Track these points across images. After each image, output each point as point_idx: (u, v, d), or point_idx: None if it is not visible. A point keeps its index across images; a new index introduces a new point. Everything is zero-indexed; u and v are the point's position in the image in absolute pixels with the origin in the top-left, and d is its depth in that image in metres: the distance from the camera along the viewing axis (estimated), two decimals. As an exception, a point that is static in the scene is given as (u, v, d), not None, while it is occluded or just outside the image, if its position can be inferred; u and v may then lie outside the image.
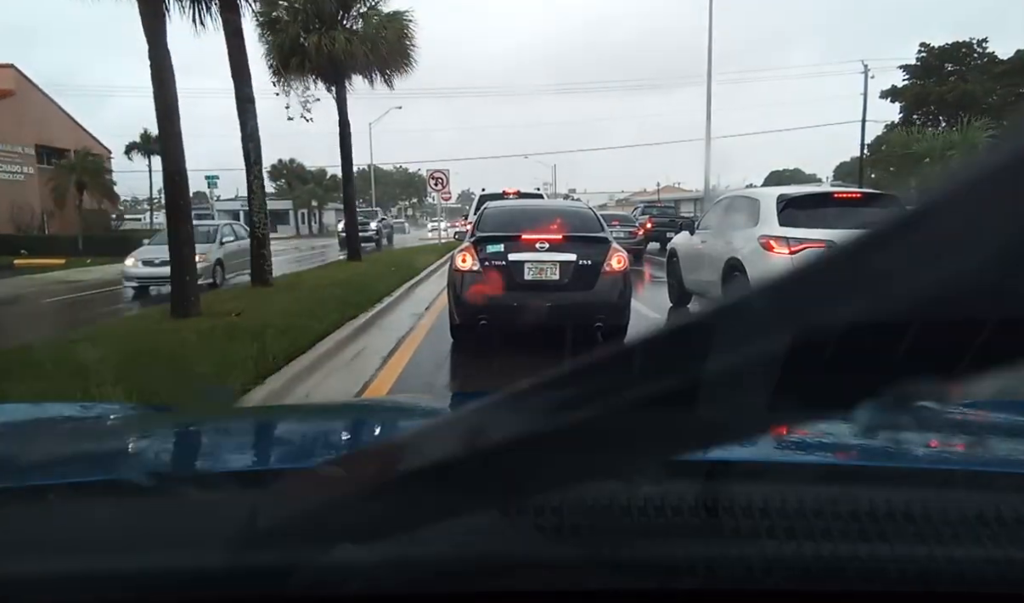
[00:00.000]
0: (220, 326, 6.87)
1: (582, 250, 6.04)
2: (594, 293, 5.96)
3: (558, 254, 5.98)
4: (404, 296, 10.67)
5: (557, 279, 5.96)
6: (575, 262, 5.97)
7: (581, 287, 5.96)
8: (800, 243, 6.29)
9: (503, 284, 5.90)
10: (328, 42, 14.62)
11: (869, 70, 40.03)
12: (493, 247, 6.06)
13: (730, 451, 0.82)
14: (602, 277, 6.01)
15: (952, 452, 1.12)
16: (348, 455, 0.97)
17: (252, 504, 0.68)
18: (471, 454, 0.52)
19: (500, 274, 5.92)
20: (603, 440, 0.49)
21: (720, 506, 0.69)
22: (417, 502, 0.58)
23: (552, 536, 0.67)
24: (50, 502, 0.76)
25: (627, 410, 0.44)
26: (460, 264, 6.09)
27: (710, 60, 21.96)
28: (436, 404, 1.84)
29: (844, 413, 0.44)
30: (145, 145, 39.25)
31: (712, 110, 21.42)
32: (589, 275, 5.99)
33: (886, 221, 0.39)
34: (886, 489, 0.72)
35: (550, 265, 5.98)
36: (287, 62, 14.76)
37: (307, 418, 1.54)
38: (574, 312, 5.80)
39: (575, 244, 6.07)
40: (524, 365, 4.01)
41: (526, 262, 5.96)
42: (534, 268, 5.98)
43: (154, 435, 1.27)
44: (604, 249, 6.14)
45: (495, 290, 5.88)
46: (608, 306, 5.98)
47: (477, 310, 5.96)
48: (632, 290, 6.34)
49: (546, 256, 5.97)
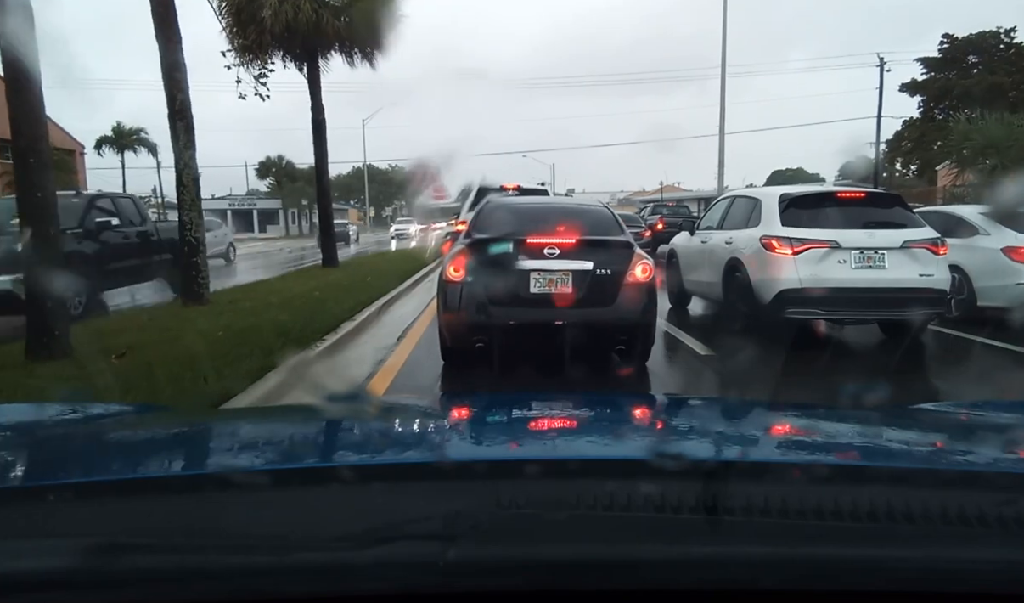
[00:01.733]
0: (82, 375, 4.62)
1: (600, 257, 5.07)
2: (615, 309, 5.03)
3: (571, 262, 4.99)
4: (375, 318, 8.35)
5: (570, 292, 5.00)
6: (592, 271, 5.00)
7: (599, 302, 5.03)
8: (803, 243, 6.22)
9: (504, 298, 4.96)
10: (290, 10, 12.19)
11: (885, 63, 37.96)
12: (493, 252, 5.07)
13: (730, 451, 0.99)
14: (625, 289, 5.04)
15: (952, 452, 1.15)
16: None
17: (252, 504, 0.72)
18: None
19: (500, 285, 4.97)
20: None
21: (720, 506, 0.70)
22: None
23: (552, 536, 0.68)
24: (50, 502, 0.77)
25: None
26: (452, 273, 5.06)
27: (724, 56, 20.52)
28: (433, 405, 1.87)
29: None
30: (117, 140, 36.80)
31: (722, 107, 19.91)
32: (609, 287, 5.04)
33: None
34: (886, 489, 0.75)
35: (561, 275, 4.99)
36: (244, 32, 12.36)
37: (304, 418, 1.54)
38: (590, 332, 5.01)
39: (592, 250, 5.09)
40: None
41: (533, 271, 4.98)
42: (542, 279, 4.99)
43: (152, 435, 1.30)
44: (626, 256, 5.16)
45: (495, 305, 4.94)
46: (631, 325, 5.10)
47: (472, 330, 5.01)
48: (658, 305, 5.37)
49: (557, 264, 4.98)
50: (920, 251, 6.23)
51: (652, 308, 5.24)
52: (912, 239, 6.26)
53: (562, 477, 0.82)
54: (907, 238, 6.24)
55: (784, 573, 0.67)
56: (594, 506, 0.70)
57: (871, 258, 6.15)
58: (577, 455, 1.00)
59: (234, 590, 0.65)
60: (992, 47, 37.68)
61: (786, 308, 6.21)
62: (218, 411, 3.38)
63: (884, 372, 5.44)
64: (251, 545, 0.67)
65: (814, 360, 5.84)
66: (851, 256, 6.14)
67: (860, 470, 0.88)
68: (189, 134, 8.59)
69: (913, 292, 6.10)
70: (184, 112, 8.54)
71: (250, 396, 4.32)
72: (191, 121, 8.62)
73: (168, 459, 1.14)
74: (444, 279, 5.16)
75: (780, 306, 6.23)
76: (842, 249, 6.14)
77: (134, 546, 0.66)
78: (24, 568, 0.64)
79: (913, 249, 6.21)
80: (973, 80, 36.11)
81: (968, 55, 38.26)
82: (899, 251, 6.17)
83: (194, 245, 8.60)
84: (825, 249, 6.15)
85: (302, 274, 14.39)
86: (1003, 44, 37.55)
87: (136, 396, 3.99)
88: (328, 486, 0.82)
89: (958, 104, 36.91)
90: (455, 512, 0.69)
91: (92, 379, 4.72)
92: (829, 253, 6.14)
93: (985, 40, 37.65)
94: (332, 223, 16.21)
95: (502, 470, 0.88)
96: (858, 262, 6.14)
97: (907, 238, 6.24)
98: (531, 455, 1.02)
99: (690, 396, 4.20)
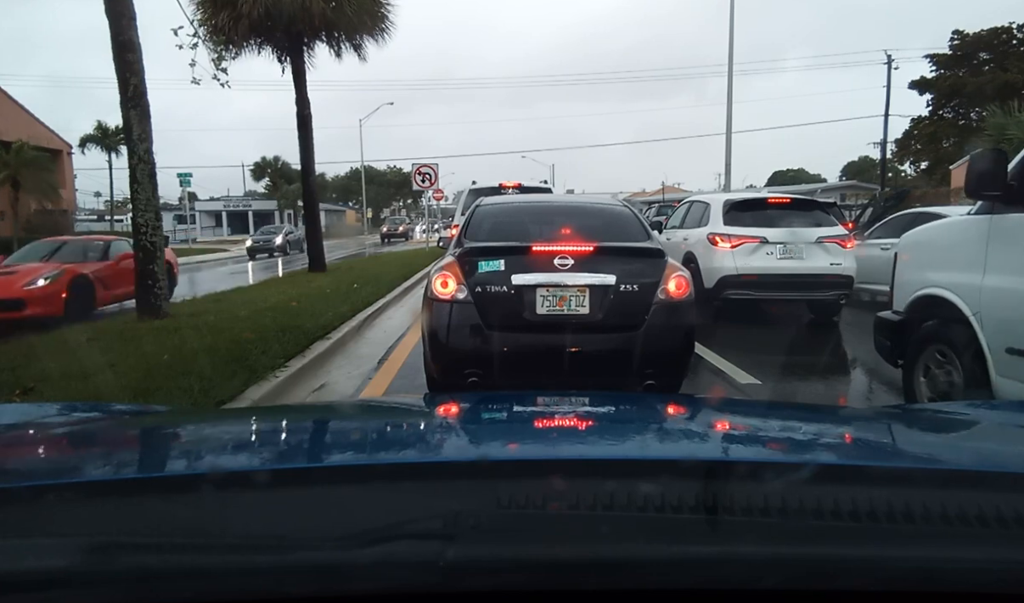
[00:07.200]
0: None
1: (624, 268, 4.05)
2: (643, 335, 3.98)
3: (588, 275, 3.99)
4: (354, 336, 7.29)
5: (587, 313, 4.00)
6: (614, 287, 3.99)
7: (624, 325, 4.01)
8: (740, 238, 7.73)
9: (504, 321, 3.97)
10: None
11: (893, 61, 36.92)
12: (489, 264, 4.03)
13: (730, 451, 0.96)
14: (656, 309, 4.02)
15: (952, 452, 1.15)
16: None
17: (252, 504, 0.73)
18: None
19: (500, 306, 3.98)
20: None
21: (720, 506, 0.70)
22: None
23: (552, 536, 0.68)
24: (50, 502, 0.76)
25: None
26: (439, 290, 4.05)
27: (731, 56, 19.69)
28: (433, 404, 1.75)
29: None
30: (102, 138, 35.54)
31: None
32: (635, 307, 4.03)
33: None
34: (886, 489, 0.75)
35: (576, 292, 3.98)
36: (216, 15, 11.25)
37: (302, 418, 1.53)
38: (612, 364, 4.04)
39: (613, 259, 4.09)
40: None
41: (539, 286, 3.97)
42: (552, 296, 3.97)
43: (152, 435, 1.29)
44: (656, 267, 4.14)
45: (492, 331, 3.95)
46: (663, 355, 4.05)
47: (464, 361, 3.98)
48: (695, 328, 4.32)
49: (570, 278, 3.98)
50: (831, 245, 7.75)
51: (690, 333, 4.21)
52: (825, 235, 7.78)
53: (562, 477, 0.79)
54: (821, 234, 7.77)
55: (784, 573, 0.67)
56: (594, 506, 0.70)
57: (792, 250, 7.67)
58: (577, 455, 0.98)
59: (234, 590, 0.65)
60: (1004, 43, 36.64)
61: (726, 290, 7.74)
62: (218, 411, 3.36)
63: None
64: (251, 545, 0.67)
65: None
66: (776, 249, 7.68)
67: (860, 470, 0.86)
68: (144, 124, 7.51)
69: (824, 277, 7.65)
70: (138, 98, 7.48)
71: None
72: (147, 108, 7.55)
73: (168, 459, 1.14)
74: (430, 297, 4.12)
75: (721, 289, 7.75)
76: (769, 243, 7.69)
77: (134, 546, 0.67)
78: (24, 568, 0.65)
79: (825, 243, 7.73)
80: (985, 77, 35.10)
81: (979, 52, 37.24)
82: (814, 245, 7.69)
83: (150, 251, 7.51)
84: (756, 243, 7.69)
85: (284, 280, 13.34)
86: (1015, 40, 36.50)
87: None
88: (328, 486, 0.82)
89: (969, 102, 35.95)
90: (455, 512, 0.70)
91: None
92: (759, 247, 7.69)
93: (997, 36, 36.61)
94: (319, 225, 15.16)
95: (502, 470, 0.86)
96: (782, 253, 7.68)
97: (821, 234, 7.77)
98: (531, 455, 1.01)
99: (690, 396, 3.75)
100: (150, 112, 7.61)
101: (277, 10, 11.79)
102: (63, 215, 32.92)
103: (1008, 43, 36.77)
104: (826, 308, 8.06)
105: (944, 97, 37.59)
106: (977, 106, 34.80)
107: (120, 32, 7.43)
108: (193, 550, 0.67)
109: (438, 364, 4.18)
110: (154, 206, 7.67)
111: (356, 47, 13.99)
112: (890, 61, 36.66)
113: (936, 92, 37.96)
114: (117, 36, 7.42)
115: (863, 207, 16.51)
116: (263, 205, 62.65)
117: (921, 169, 40.03)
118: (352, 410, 1.71)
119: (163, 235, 8.00)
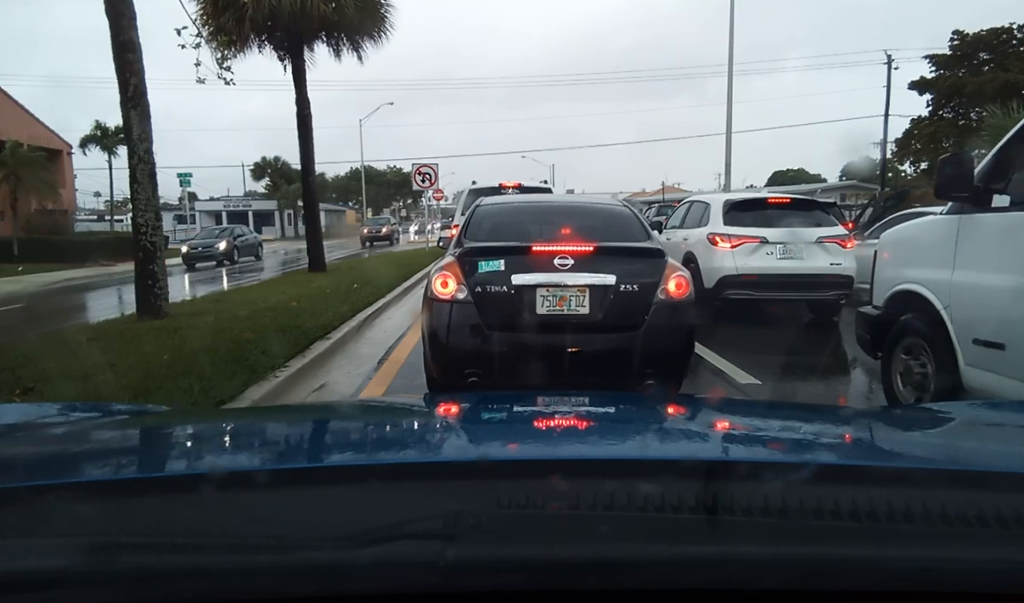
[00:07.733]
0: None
1: (624, 268, 4.10)
2: (643, 334, 4.03)
3: (587, 275, 4.03)
4: (354, 336, 7.29)
5: (587, 313, 4.04)
6: (614, 287, 4.04)
7: (624, 325, 4.05)
8: (740, 238, 7.69)
9: (504, 321, 4.01)
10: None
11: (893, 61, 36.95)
12: (489, 264, 4.07)
13: (730, 451, 0.96)
14: (656, 309, 4.07)
15: (952, 452, 1.15)
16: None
17: (252, 504, 0.73)
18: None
19: (500, 306, 4.02)
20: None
21: (720, 506, 0.70)
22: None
23: (552, 536, 0.68)
24: (50, 502, 0.76)
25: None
26: (439, 290, 4.09)
27: (731, 56, 19.70)
28: (433, 404, 1.75)
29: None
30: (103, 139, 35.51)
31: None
32: (635, 307, 4.07)
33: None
34: (886, 489, 0.75)
35: (576, 292, 4.03)
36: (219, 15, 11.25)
37: (302, 418, 1.54)
38: (612, 364, 4.09)
39: (613, 259, 4.13)
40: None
41: (540, 286, 4.02)
42: (552, 296, 4.02)
43: (152, 435, 1.29)
44: (656, 267, 4.18)
45: (492, 331, 3.99)
46: (664, 355, 4.12)
47: (464, 361, 4.04)
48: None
49: (570, 278, 4.02)
50: (831, 245, 7.71)
51: (690, 333, 4.24)
52: (825, 235, 7.74)
53: (562, 477, 0.79)
54: (821, 234, 7.73)
55: (784, 573, 0.67)
56: (594, 506, 0.70)
57: (792, 250, 7.65)
58: (577, 455, 0.99)
59: (234, 590, 0.65)
60: (1004, 44, 36.63)
61: (726, 290, 7.69)
62: (218, 411, 3.36)
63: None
64: (251, 545, 0.67)
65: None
66: (776, 249, 7.66)
67: (860, 470, 0.85)
68: (144, 124, 7.52)
69: (825, 277, 7.62)
70: (138, 98, 7.48)
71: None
72: (147, 108, 7.56)
73: (168, 459, 1.13)
74: (430, 296, 4.13)
75: (721, 289, 7.71)
76: (769, 243, 7.67)
77: (134, 546, 0.67)
78: (24, 568, 0.65)
79: (825, 243, 7.69)
80: (985, 78, 35.08)
81: (979, 52, 37.23)
82: (814, 245, 7.66)
83: (150, 251, 7.52)
84: (756, 243, 7.67)
85: (285, 280, 13.35)
86: (1015, 40, 36.51)
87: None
88: (328, 486, 0.82)
89: (969, 102, 35.93)
90: (455, 512, 0.69)
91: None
92: (759, 247, 7.67)
93: (996, 36, 36.60)
94: (319, 225, 15.16)
95: (502, 470, 0.86)
96: (782, 254, 7.65)
97: (821, 234, 7.73)
98: (531, 455, 1.01)
99: (690, 396, 3.77)
100: (150, 112, 7.62)
101: (279, 11, 11.80)
102: (63, 215, 32.96)
103: (1008, 43, 36.73)
104: (826, 308, 8.06)
105: (944, 97, 37.52)
106: (977, 106, 34.73)
107: (120, 32, 7.43)
108: (193, 550, 0.67)
109: (438, 364, 4.20)
110: (154, 206, 7.68)
111: (356, 48, 14.01)
112: (890, 61, 36.75)
113: (936, 92, 37.90)
114: (117, 36, 7.43)
115: (863, 207, 16.53)
116: (263, 205, 62.66)
117: (921, 169, 39.92)
118: (352, 410, 1.71)
119: (163, 235, 8.01)
